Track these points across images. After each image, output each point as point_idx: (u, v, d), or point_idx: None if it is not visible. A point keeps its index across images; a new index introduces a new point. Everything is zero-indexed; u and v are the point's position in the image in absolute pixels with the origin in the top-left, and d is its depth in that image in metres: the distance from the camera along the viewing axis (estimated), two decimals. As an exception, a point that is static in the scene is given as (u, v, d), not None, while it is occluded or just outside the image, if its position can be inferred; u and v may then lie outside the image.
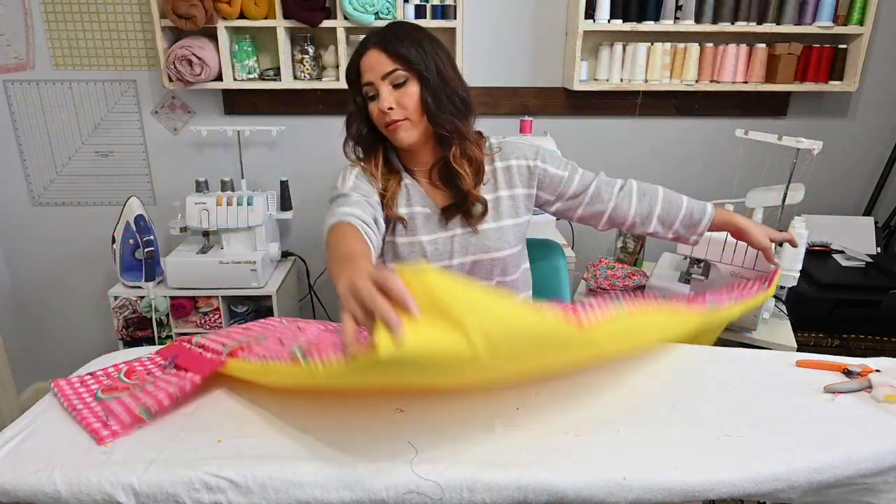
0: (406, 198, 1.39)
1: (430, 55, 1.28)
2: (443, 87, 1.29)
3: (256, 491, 0.79)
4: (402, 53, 1.25)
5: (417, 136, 1.32)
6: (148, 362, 1.11)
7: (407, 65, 1.26)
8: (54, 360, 2.76)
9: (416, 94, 1.27)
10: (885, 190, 2.53)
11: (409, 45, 1.26)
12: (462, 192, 1.35)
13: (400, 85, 1.27)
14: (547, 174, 1.40)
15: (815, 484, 0.82)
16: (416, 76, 1.27)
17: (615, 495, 0.78)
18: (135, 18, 2.31)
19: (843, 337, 2.08)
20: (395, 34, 1.28)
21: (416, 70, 1.26)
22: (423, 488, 0.79)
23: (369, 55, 1.28)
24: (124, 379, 1.05)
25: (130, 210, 2.22)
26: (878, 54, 2.38)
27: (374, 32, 1.31)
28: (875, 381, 0.99)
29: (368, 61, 1.28)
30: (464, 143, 1.34)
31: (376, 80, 1.27)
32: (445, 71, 1.30)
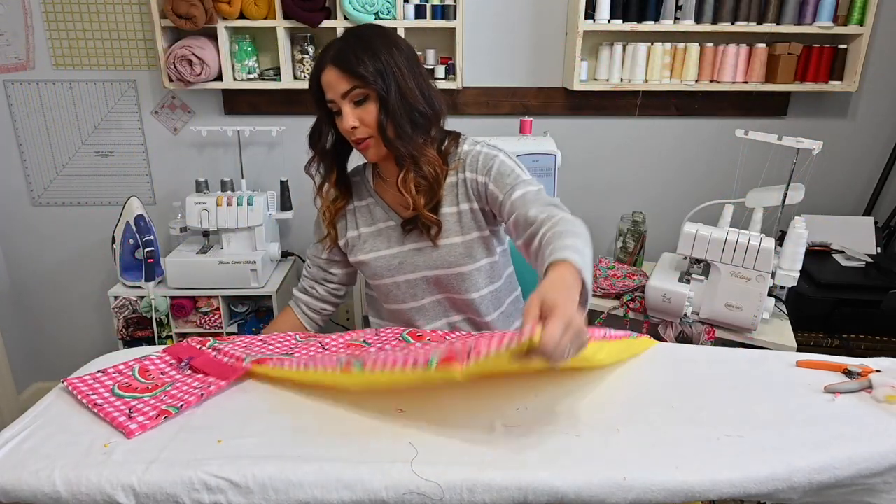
0: (369, 216, 1.41)
1: (388, 68, 1.23)
2: (401, 103, 1.24)
3: (256, 491, 0.79)
4: (358, 72, 1.21)
5: (383, 151, 1.29)
6: (158, 361, 1.11)
7: (363, 82, 1.22)
8: (54, 360, 2.76)
9: (375, 112, 1.24)
10: (885, 190, 2.53)
11: (367, 59, 1.22)
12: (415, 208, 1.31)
13: (360, 102, 1.24)
14: (487, 190, 1.31)
15: (815, 484, 0.82)
16: (374, 94, 1.23)
17: (615, 495, 0.78)
18: (135, 18, 2.31)
19: (842, 337, 2.08)
20: (352, 48, 1.23)
21: (373, 88, 1.22)
22: (423, 489, 0.79)
23: (327, 73, 1.24)
24: (139, 378, 1.05)
25: (130, 210, 2.22)
26: (878, 54, 2.38)
27: (332, 45, 1.26)
28: (875, 382, 0.99)
29: (327, 79, 1.24)
30: (418, 165, 1.29)
31: (336, 98, 1.24)
32: (405, 83, 1.25)
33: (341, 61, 1.22)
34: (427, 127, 1.30)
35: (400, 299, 1.42)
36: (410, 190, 1.29)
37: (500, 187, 1.28)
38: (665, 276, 1.92)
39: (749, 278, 1.78)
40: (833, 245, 2.30)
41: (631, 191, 2.58)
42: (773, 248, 1.75)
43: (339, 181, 1.40)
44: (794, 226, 1.78)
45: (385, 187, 1.40)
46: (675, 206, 2.55)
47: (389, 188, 1.39)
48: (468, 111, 2.44)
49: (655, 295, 1.89)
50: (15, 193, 2.52)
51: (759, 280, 1.77)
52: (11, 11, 2.29)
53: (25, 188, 2.52)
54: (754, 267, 1.77)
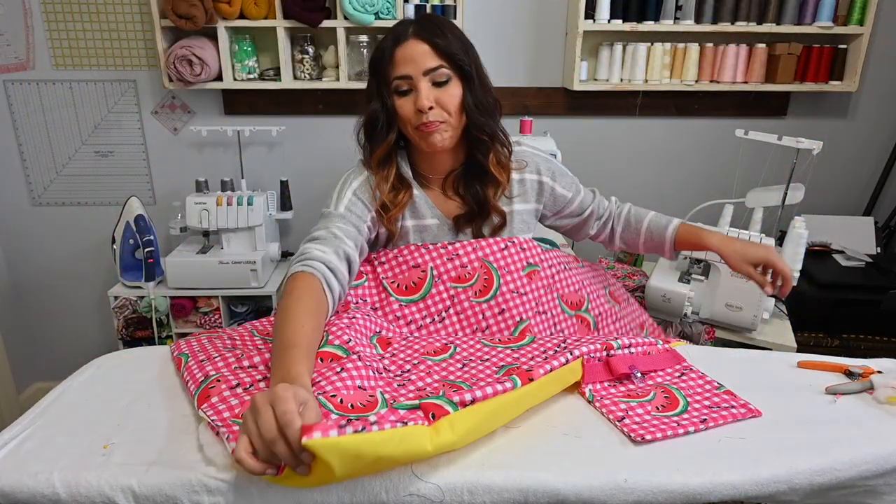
0: (412, 210, 1.31)
1: (470, 52, 1.21)
2: (482, 88, 1.22)
3: (256, 494, 0.79)
4: (448, 49, 1.15)
5: (452, 138, 1.23)
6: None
7: (452, 62, 1.17)
8: (54, 360, 2.76)
9: (459, 94, 1.19)
10: (885, 190, 2.53)
11: (455, 40, 1.17)
12: (481, 202, 1.29)
13: (441, 83, 1.17)
14: (554, 193, 1.38)
15: (816, 486, 0.82)
16: (460, 75, 1.19)
17: (616, 497, 0.78)
18: (135, 18, 2.31)
19: (843, 337, 2.08)
20: (437, 25, 1.18)
21: (461, 68, 1.18)
22: (423, 491, 0.79)
23: (410, 46, 1.15)
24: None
25: (130, 210, 2.22)
26: (878, 54, 2.38)
27: (413, 21, 1.19)
28: (877, 383, 0.99)
29: (408, 52, 1.15)
30: (498, 148, 1.28)
31: (416, 74, 1.16)
32: (482, 71, 1.24)
33: (430, 35, 1.16)
34: (498, 117, 1.28)
35: None
36: (500, 172, 1.28)
37: (567, 187, 1.39)
38: (665, 276, 1.92)
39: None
40: (833, 245, 2.30)
41: (631, 191, 2.58)
42: (773, 249, 1.75)
43: (398, 178, 1.29)
44: (794, 226, 1.77)
45: (425, 182, 1.33)
46: (675, 206, 2.53)
47: (433, 187, 1.32)
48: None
49: (655, 295, 1.89)
50: (15, 193, 2.52)
51: (760, 280, 1.76)
52: (11, 11, 2.29)
53: (25, 188, 2.51)
54: (755, 267, 1.76)
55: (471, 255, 1.25)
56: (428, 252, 1.26)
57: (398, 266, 1.27)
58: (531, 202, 1.37)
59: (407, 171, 1.31)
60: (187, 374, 1.00)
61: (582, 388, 1.01)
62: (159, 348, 1.17)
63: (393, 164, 1.28)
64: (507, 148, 1.31)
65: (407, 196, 1.28)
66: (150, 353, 1.17)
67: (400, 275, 1.26)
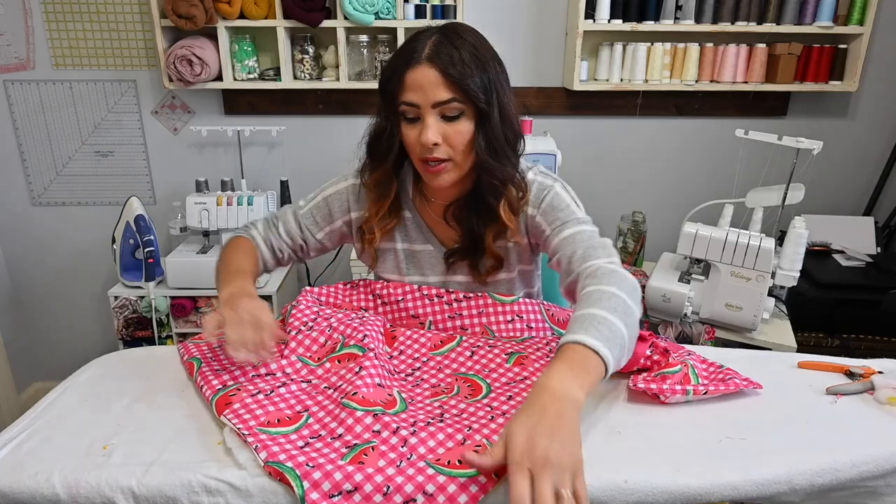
0: (403, 233, 1.24)
1: (493, 84, 1.05)
2: (501, 125, 1.08)
3: (256, 494, 0.79)
4: (464, 83, 1.02)
5: (457, 178, 1.11)
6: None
7: (466, 96, 1.03)
8: (54, 360, 2.76)
9: (469, 132, 1.06)
10: (885, 190, 2.53)
11: (475, 69, 1.03)
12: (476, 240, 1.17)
13: (452, 118, 1.05)
14: (534, 222, 1.17)
15: (816, 487, 0.81)
16: (474, 111, 1.06)
17: (616, 499, 0.78)
18: (135, 18, 2.31)
19: (843, 337, 2.08)
20: (458, 50, 1.02)
21: (476, 105, 1.04)
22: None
23: (421, 71, 1.02)
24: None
25: (130, 210, 2.22)
26: (878, 54, 2.37)
27: (428, 37, 1.05)
28: (877, 383, 0.99)
29: (418, 79, 1.02)
30: (511, 193, 1.13)
31: (424, 104, 1.03)
32: (506, 104, 1.09)
33: (445, 62, 1.01)
34: (517, 155, 1.15)
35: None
36: (512, 219, 1.14)
37: (549, 221, 1.14)
38: (665, 276, 1.92)
39: (749, 278, 1.78)
40: (833, 245, 2.30)
41: (631, 191, 2.58)
42: (773, 248, 1.75)
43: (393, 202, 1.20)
44: (794, 226, 1.77)
45: (426, 209, 1.23)
46: (675, 206, 2.55)
47: (432, 212, 1.22)
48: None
49: (655, 295, 1.89)
50: (15, 193, 2.52)
51: (759, 280, 1.77)
52: (11, 11, 2.29)
53: (25, 188, 2.51)
54: (754, 267, 1.76)
55: (473, 319, 1.18)
56: (431, 305, 1.20)
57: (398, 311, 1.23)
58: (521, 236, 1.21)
59: (408, 189, 1.23)
60: (201, 379, 0.99)
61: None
62: (159, 348, 1.17)
63: (391, 189, 1.19)
64: (522, 191, 1.15)
65: (394, 222, 1.22)
66: (150, 353, 1.17)
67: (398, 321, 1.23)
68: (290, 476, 0.76)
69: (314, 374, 1.02)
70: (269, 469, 0.78)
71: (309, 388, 0.98)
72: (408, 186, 1.23)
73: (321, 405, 0.94)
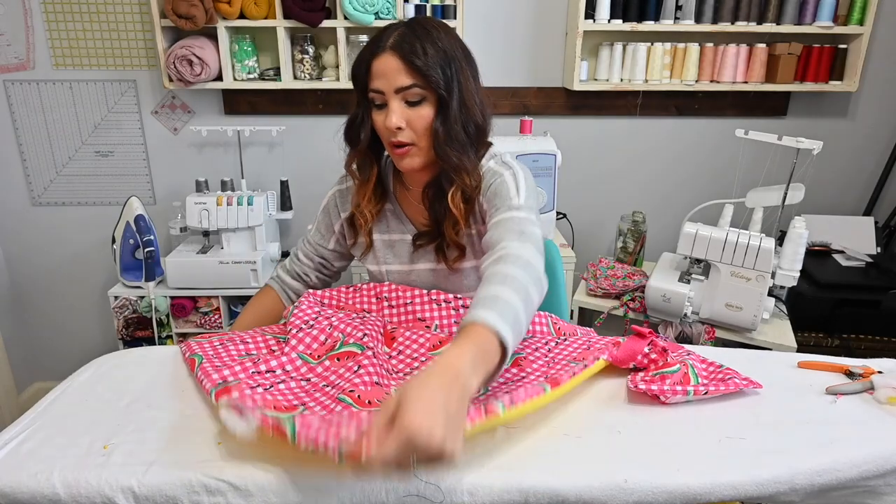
0: (384, 223, 1.29)
1: (455, 72, 1.10)
2: (460, 113, 1.11)
3: (256, 494, 0.79)
4: (422, 69, 1.07)
5: (423, 162, 1.16)
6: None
7: (426, 82, 1.08)
8: (54, 360, 2.76)
9: (430, 117, 1.10)
10: (885, 190, 2.53)
11: (436, 57, 1.07)
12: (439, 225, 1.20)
13: (414, 103, 1.10)
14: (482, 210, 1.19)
15: (816, 486, 0.81)
16: (435, 98, 1.10)
17: (616, 498, 0.78)
18: (135, 18, 2.31)
19: (843, 337, 2.08)
20: (420, 40, 1.08)
21: (437, 92, 1.09)
22: (423, 491, 0.78)
23: (385, 59, 1.08)
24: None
25: (130, 210, 2.22)
26: (878, 54, 2.38)
27: (395, 29, 1.10)
28: (877, 383, 0.99)
29: (382, 66, 1.08)
30: (465, 182, 1.15)
31: (388, 91, 1.09)
32: (468, 93, 1.12)
33: (406, 51, 1.07)
34: (478, 141, 1.18)
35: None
36: (460, 208, 1.16)
37: (490, 208, 1.14)
38: (665, 276, 1.92)
39: (749, 278, 1.78)
40: (833, 245, 2.30)
41: (631, 191, 2.58)
42: (773, 248, 1.75)
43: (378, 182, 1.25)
44: (794, 226, 1.77)
45: (406, 196, 1.27)
46: (675, 206, 2.55)
47: (412, 199, 1.26)
48: (468, 111, 2.44)
49: (655, 295, 1.89)
50: (15, 193, 2.52)
51: (759, 280, 1.77)
52: (11, 11, 2.29)
53: (25, 188, 2.51)
54: (754, 267, 1.76)
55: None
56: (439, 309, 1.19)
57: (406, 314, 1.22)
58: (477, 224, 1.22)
59: (389, 182, 1.28)
60: (202, 373, 0.99)
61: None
62: (159, 348, 1.17)
63: (372, 172, 1.23)
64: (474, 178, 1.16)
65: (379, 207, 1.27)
66: (150, 353, 1.17)
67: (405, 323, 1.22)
68: (284, 420, 0.74)
69: (313, 372, 1.02)
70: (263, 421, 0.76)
71: (308, 387, 0.98)
72: (389, 180, 1.29)
73: (318, 401, 0.94)
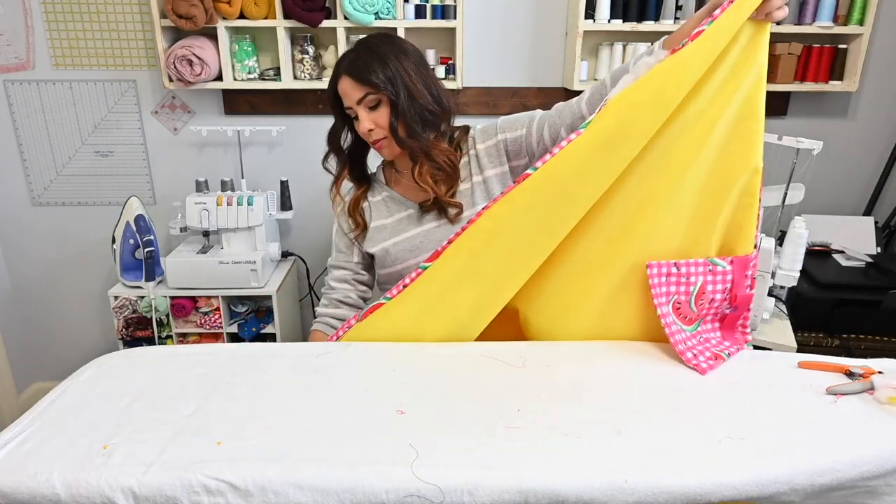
0: (385, 209, 1.51)
1: (397, 73, 1.35)
2: (410, 105, 1.36)
3: (256, 494, 0.79)
4: (369, 80, 1.33)
5: (398, 150, 1.42)
6: None
7: (375, 89, 1.34)
8: (54, 360, 2.76)
9: (387, 114, 1.37)
10: (885, 190, 2.53)
11: (377, 67, 1.34)
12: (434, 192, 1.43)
13: (374, 107, 1.37)
14: (508, 142, 1.43)
15: (817, 486, 0.81)
16: (386, 98, 1.35)
17: (616, 498, 0.78)
18: (135, 18, 2.31)
19: (843, 337, 2.08)
20: (363, 58, 1.35)
21: (384, 93, 1.34)
22: (423, 491, 0.79)
23: (342, 83, 1.37)
24: None
25: (130, 210, 2.22)
26: (878, 54, 2.37)
27: (346, 57, 1.39)
28: (877, 383, 0.99)
29: (342, 88, 1.37)
30: (430, 157, 1.41)
31: (353, 105, 1.37)
32: (413, 86, 1.36)
33: (354, 71, 1.35)
34: (437, 123, 1.43)
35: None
36: (427, 181, 1.41)
37: (519, 126, 1.42)
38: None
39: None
40: (833, 245, 2.30)
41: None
42: (773, 248, 1.75)
43: (353, 174, 1.53)
44: (794, 226, 1.77)
45: (399, 179, 1.52)
46: (675, 206, 2.54)
47: (404, 179, 1.51)
48: (468, 111, 2.44)
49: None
50: (15, 193, 2.52)
51: (759, 280, 1.76)
52: (11, 11, 2.29)
53: (25, 188, 2.51)
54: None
55: None
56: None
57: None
58: (489, 169, 1.45)
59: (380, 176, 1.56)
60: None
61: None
62: (159, 348, 1.17)
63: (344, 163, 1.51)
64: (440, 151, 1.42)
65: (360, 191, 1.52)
66: (150, 353, 1.17)
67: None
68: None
69: None
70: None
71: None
72: (380, 175, 1.57)
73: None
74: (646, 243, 1.13)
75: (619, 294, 1.17)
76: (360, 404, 0.97)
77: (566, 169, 1.13)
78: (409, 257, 1.47)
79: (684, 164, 1.11)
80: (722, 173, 1.11)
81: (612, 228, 1.17)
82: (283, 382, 1.05)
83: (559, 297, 1.23)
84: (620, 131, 1.10)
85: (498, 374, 1.07)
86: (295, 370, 1.09)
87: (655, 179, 1.13)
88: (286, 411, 0.96)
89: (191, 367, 1.09)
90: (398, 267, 1.48)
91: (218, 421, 0.93)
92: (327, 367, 1.10)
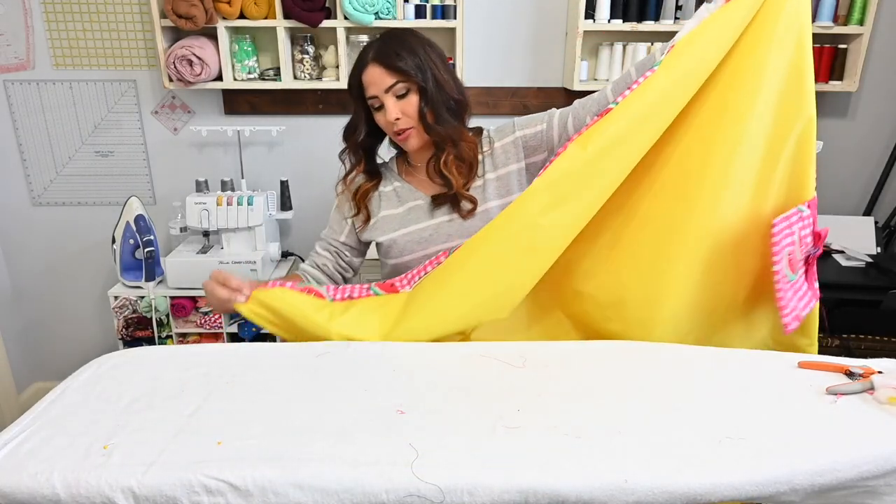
0: (396, 199, 1.50)
1: (425, 63, 1.36)
2: (438, 93, 1.37)
3: (256, 494, 0.78)
4: (400, 67, 1.33)
5: (422, 139, 1.42)
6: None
7: (406, 77, 1.34)
8: (54, 360, 2.76)
9: (417, 103, 1.36)
10: (885, 190, 2.53)
11: (406, 56, 1.34)
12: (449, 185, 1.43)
13: (402, 96, 1.36)
14: (527, 137, 1.45)
15: (816, 486, 0.81)
16: (416, 87, 1.35)
17: (616, 498, 0.78)
18: (135, 18, 2.31)
19: (842, 337, 2.08)
20: (392, 47, 1.35)
21: (415, 81, 1.34)
22: (423, 491, 0.78)
23: (370, 71, 1.35)
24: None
25: (130, 210, 2.22)
26: (878, 54, 2.37)
27: (371, 46, 1.38)
28: (877, 383, 0.99)
29: (370, 77, 1.35)
30: (457, 147, 1.41)
31: (380, 93, 1.35)
32: (440, 76, 1.38)
33: (383, 59, 1.34)
34: (461, 113, 1.45)
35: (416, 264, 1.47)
36: (452, 171, 1.41)
37: (537, 122, 1.44)
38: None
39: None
40: (833, 245, 2.30)
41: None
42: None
43: (367, 168, 1.52)
44: (794, 226, 1.77)
45: (412, 172, 1.53)
46: (675, 206, 2.54)
47: (417, 173, 1.51)
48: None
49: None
50: (15, 193, 2.52)
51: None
52: (11, 11, 2.29)
53: (25, 188, 2.51)
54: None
55: None
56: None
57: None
58: (505, 167, 1.46)
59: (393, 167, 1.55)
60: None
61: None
62: (159, 348, 1.17)
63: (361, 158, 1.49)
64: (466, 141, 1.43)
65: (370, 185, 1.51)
66: (150, 353, 1.17)
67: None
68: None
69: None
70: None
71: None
72: (393, 165, 1.56)
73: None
74: (718, 194, 1.15)
75: (713, 254, 1.17)
76: (360, 404, 0.97)
77: (648, 99, 1.14)
78: (416, 249, 1.46)
79: (743, 113, 1.13)
80: (781, 122, 1.14)
81: (676, 184, 1.18)
82: (283, 382, 1.05)
83: (639, 264, 1.22)
84: (696, 66, 1.13)
85: (498, 374, 1.07)
86: (295, 370, 1.09)
87: (718, 128, 1.14)
88: (286, 411, 0.96)
89: (191, 367, 1.09)
90: (406, 258, 1.47)
91: (218, 421, 0.93)
92: (327, 367, 1.10)
